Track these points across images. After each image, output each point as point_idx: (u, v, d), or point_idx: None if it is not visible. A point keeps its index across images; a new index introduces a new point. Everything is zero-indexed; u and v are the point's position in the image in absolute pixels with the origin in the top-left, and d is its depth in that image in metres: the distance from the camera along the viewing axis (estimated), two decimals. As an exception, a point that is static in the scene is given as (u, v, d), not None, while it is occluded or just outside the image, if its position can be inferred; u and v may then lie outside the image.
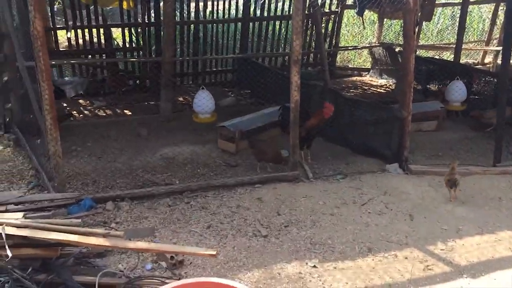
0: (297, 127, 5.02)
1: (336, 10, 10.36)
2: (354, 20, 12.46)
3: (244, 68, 9.54)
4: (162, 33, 7.23)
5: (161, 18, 9.24)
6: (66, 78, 9.40)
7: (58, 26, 9.07)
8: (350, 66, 12.04)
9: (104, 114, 7.85)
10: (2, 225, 3.26)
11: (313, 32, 10.35)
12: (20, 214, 3.73)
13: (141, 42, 9.38)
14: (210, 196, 4.83)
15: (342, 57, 12.33)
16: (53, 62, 8.33)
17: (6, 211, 4.05)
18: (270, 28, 10.25)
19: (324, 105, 5.55)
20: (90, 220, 4.30)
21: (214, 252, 3.20)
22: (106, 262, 3.65)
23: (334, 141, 6.30)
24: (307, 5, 7.31)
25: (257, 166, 5.50)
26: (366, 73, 11.10)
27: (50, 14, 8.94)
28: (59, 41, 9.20)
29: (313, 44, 10.50)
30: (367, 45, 11.45)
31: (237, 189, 4.96)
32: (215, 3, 9.69)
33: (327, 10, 10.38)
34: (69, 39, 9.19)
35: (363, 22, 10.20)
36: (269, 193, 4.85)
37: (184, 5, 9.40)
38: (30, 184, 5.03)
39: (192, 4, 9.70)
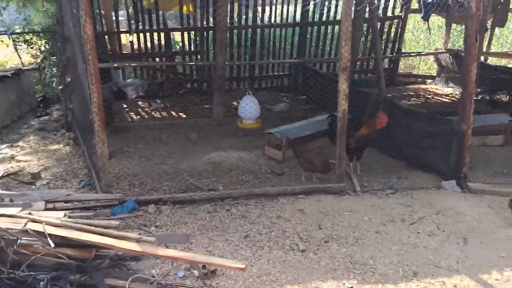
0: (344, 137, 4.80)
1: (400, 14, 9.93)
2: (420, 25, 11.90)
3: (300, 73, 9.41)
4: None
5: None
6: (128, 80, 9.77)
7: (122, 30, 9.42)
8: (414, 73, 11.51)
9: (160, 116, 8.01)
10: (42, 223, 3.36)
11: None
12: (62, 213, 3.84)
13: (199, 46, 9.54)
14: (251, 205, 4.73)
15: (406, 63, 11.81)
16: (115, 65, 8.77)
17: (54, 209, 4.19)
18: (329, 32, 10.03)
19: (378, 115, 5.28)
20: (131, 222, 4.36)
21: (243, 266, 3.10)
22: (140, 266, 3.66)
23: (387, 153, 6.00)
24: (366, 10, 7.02)
25: (302, 176, 5.34)
26: (431, 80, 10.54)
27: (115, 18, 9.32)
28: (122, 44, 9.56)
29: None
30: (433, 51, 10.87)
31: (279, 198, 4.83)
32: (273, 7, 9.66)
33: (390, 15, 9.99)
34: (131, 42, 9.53)
35: (428, 27, 9.66)
36: (312, 205, 4.67)
37: (242, 9, 9.42)
38: (81, 183, 5.20)
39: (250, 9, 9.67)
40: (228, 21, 9.17)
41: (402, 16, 9.88)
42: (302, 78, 9.24)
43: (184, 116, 8.03)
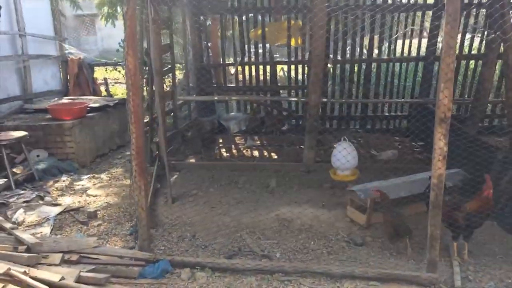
0: (438, 211, 3.52)
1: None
2: None
3: (420, 116, 7.98)
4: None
5: (330, 56, 8.62)
6: (231, 114, 9.42)
7: (227, 63, 9.14)
8: None
9: (250, 156, 7.37)
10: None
11: None
12: (76, 271, 3.33)
13: (307, 80, 8.77)
14: (306, 285, 3.71)
15: None
16: (216, 98, 8.45)
17: (78, 262, 3.72)
18: (462, 68, 8.44)
19: (486, 181, 3.87)
20: (158, 288, 3.68)
21: None
22: None
23: (515, 233, 4.43)
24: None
25: (391, 249, 4.14)
26: None
27: (221, 50, 9.11)
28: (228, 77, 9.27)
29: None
30: None
31: (344, 283, 3.71)
32: (396, 40, 8.49)
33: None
34: (237, 75, 9.19)
35: None
36: (385, 300, 3.47)
37: (357, 41, 8.44)
38: (130, 229, 4.74)
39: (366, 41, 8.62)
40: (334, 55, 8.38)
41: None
42: (422, 121, 7.82)
43: (276, 157, 7.28)
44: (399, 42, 8.47)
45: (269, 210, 5.11)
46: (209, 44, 9.19)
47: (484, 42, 7.77)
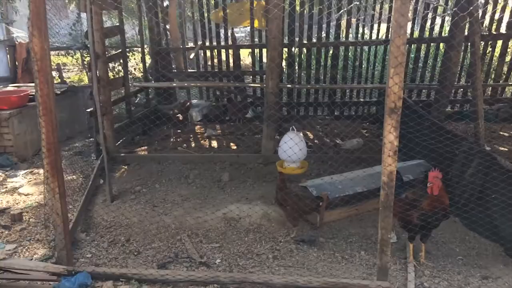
0: (388, 213, 3.11)
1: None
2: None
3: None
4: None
5: (297, 39, 8.14)
6: (193, 101, 8.90)
7: (187, 46, 8.59)
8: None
9: (207, 147, 6.89)
10: None
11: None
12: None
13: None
14: (243, 298, 3.29)
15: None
16: (175, 84, 7.92)
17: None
18: (431, 52, 8.06)
19: (429, 178, 3.47)
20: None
21: None
22: None
23: (477, 230, 4.07)
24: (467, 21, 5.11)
25: (343, 251, 3.76)
26: None
27: (181, 34, 8.55)
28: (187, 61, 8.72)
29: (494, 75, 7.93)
30: None
31: (286, 294, 3.30)
32: (360, 23, 8.03)
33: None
34: (198, 60, 8.65)
35: None
36: (329, 314, 3.07)
37: (323, 25, 7.96)
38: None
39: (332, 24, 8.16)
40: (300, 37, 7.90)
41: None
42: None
43: (235, 147, 6.82)
44: (368, 26, 8.05)
45: (217, 208, 4.66)
46: (167, 27, 8.61)
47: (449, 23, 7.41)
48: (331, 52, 8.29)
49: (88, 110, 6.16)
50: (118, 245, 4.07)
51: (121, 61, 7.16)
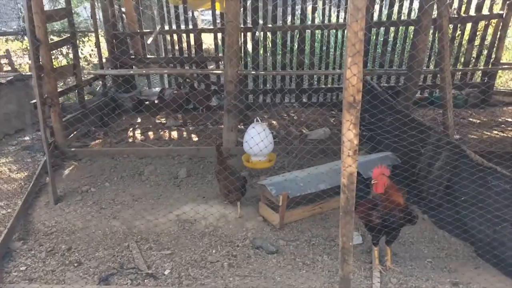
0: (350, 218, 2.80)
1: (501, 12, 7.37)
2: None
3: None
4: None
5: (260, 21, 7.73)
6: (154, 89, 8.42)
7: (145, 31, 8.07)
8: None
9: (166, 138, 6.47)
10: None
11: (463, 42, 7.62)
12: None
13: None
14: (191, 315, 2.96)
15: (508, 77, 9.08)
16: (131, 72, 7.42)
17: None
18: (400, 36, 7.78)
19: (373, 174, 3.19)
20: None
21: None
22: None
23: (447, 229, 3.83)
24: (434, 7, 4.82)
25: (304, 255, 3.46)
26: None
27: (138, 17, 8.02)
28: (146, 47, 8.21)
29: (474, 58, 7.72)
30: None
31: (239, 310, 2.98)
32: (326, 5, 7.67)
33: (486, 13, 7.47)
34: (157, 45, 8.16)
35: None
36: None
37: (288, 7, 7.56)
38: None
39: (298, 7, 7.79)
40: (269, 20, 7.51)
41: (504, 15, 7.31)
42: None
43: (196, 139, 6.43)
44: (334, 9, 7.70)
45: (170, 210, 4.29)
46: (123, 10, 8.05)
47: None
48: (297, 35, 7.91)
49: (33, 101, 5.64)
50: (57, 255, 3.66)
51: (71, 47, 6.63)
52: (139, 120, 7.46)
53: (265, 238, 3.82)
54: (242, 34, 7.59)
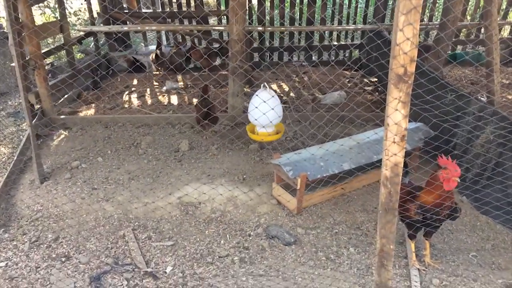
0: (391, 217, 2.28)
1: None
2: None
3: (373, 45, 6.63)
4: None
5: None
6: (150, 48, 7.73)
7: (140, -18, 7.30)
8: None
9: (165, 104, 5.89)
10: None
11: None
12: None
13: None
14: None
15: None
16: (126, 28, 6.72)
17: None
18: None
19: (439, 165, 2.63)
20: None
21: None
22: None
23: (493, 215, 3.33)
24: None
25: (327, 247, 2.97)
26: None
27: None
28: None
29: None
30: None
31: (254, 321, 2.53)
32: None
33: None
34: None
35: None
36: None
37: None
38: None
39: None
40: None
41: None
42: (376, 52, 6.49)
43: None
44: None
45: (171, 190, 3.79)
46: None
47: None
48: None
49: (13, 64, 5.01)
50: (43, 247, 3.18)
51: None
52: (135, 82, 6.83)
53: (280, 225, 3.33)
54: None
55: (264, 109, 3.86)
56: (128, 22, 6.95)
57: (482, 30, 7.15)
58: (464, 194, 3.54)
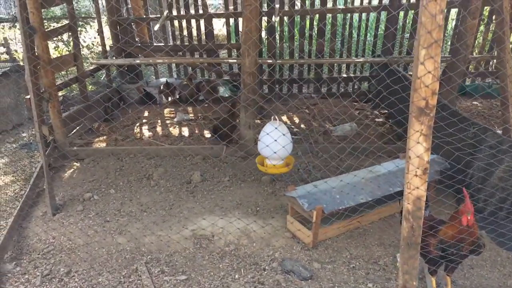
0: (414, 252, 2.23)
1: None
2: None
3: (382, 78, 6.68)
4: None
5: (277, 6, 7.08)
6: (162, 80, 7.83)
7: (152, 16, 7.44)
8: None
9: (176, 135, 5.91)
10: None
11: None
12: None
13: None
14: None
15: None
16: (138, 61, 6.82)
17: None
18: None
19: (462, 205, 2.57)
20: None
21: None
22: None
23: None
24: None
25: (346, 282, 2.88)
26: None
27: (143, 2, 7.40)
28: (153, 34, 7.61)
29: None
30: None
31: None
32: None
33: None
34: (164, 32, 7.55)
35: None
36: None
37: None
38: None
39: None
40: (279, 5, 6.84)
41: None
42: (386, 85, 6.53)
43: (209, 135, 5.85)
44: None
45: (184, 223, 3.75)
46: (128, -6, 7.44)
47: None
48: (316, 18, 7.25)
49: (28, 97, 5.08)
50: (55, 281, 3.13)
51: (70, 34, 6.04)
52: (146, 113, 6.89)
53: (295, 259, 3.27)
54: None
55: (275, 147, 3.86)
56: (139, 55, 7.08)
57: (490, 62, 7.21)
58: (481, 227, 3.47)
